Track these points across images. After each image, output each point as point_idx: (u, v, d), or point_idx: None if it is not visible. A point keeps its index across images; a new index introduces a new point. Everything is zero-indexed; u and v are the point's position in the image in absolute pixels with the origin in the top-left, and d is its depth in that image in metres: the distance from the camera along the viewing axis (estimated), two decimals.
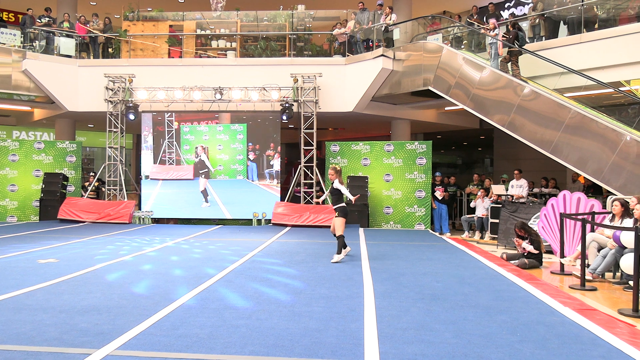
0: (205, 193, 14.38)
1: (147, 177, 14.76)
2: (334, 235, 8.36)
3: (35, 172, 14.84)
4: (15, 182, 14.57)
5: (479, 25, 13.80)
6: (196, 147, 14.52)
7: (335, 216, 8.28)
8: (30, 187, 14.74)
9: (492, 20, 12.29)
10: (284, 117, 13.95)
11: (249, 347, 4.02)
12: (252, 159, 14.55)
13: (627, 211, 7.35)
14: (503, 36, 11.89)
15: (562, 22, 12.17)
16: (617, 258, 6.83)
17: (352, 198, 8.56)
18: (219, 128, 14.77)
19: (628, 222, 7.13)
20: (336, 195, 8.32)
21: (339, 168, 8.53)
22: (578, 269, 7.09)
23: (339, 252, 8.16)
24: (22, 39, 14.72)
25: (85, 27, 15.22)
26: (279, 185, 14.60)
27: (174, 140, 14.68)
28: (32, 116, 17.85)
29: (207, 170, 14.44)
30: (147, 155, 14.83)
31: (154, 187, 14.61)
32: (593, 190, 12.28)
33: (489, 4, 14.26)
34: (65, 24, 15.08)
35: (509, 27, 12.14)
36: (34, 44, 14.82)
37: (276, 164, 14.53)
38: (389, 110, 15.81)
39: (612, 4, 11.61)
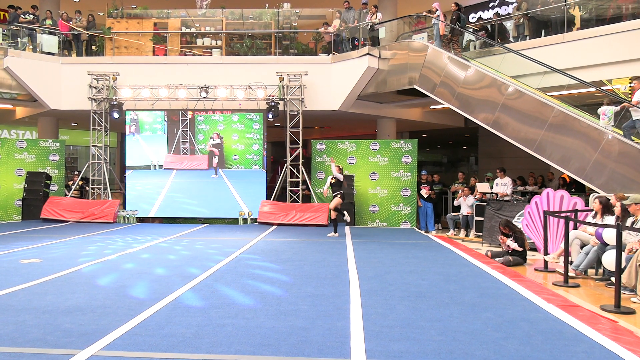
0: (216, 168, 14.50)
1: (160, 166, 14.62)
2: (334, 214, 11.38)
3: (17, 171, 14.64)
4: None
5: (462, 25, 13.88)
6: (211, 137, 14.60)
7: (339, 197, 11.29)
8: (13, 186, 14.53)
9: (435, 5, 13.04)
10: (270, 116, 13.91)
11: (235, 346, 4.01)
12: None
13: (607, 208, 7.44)
14: (444, 16, 12.68)
15: (545, 21, 12.29)
16: (600, 255, 6.92)
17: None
18: (234, 117, 14.63)
19: (610, 219, 7.23)
20: (337, 185, 11.30)
21: (341, 167, 11.73)
22: (561, 266, 7.17)
23: (335, 230, 11.41)
24: (4, 36, 14.49)
25: (68, 24, 15.04)
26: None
27: (188, 129, 14.58)
28: (14, 114, 17.59)
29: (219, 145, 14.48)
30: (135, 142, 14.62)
31: (167, 177, 14.50)
32: (575, 187, 12.44)
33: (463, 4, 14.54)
34: (48, 22, 14.88)
35: (452, 7, 13.09)
36: (15, 41, 14.59)
37: None
38: (375, 108, 15.85)
39: (594, 4, 11.76)
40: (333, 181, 11.38)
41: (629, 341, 4.32)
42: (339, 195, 11.31)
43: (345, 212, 11.53)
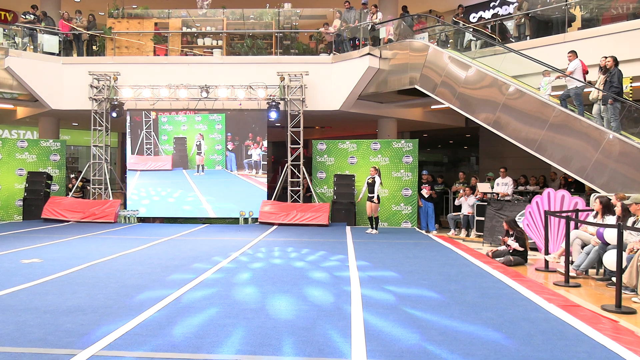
0: (200, 168, 14.59)
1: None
2: (369, 217, 12.07)
3: (18, 171, 14.65)
4: None
5: (464, 24, 13.91)
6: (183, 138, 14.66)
7: (375, 201, 11.76)
8: (14, 186, 14.55)
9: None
10: (274, 115, 13.86)
11: (236, 346, 4.01)
12: (230, 149, 14.48)
13: (608, 208, 7.44)
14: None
15: (546, 21, 12.28)
16: (600, 255, 6.92)
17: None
18: (197, 118, 14.65)
19: (611, 219, 7.23)
20: (372, 186, 11.75)
21: (378, 167, 12.19)
22: (562, 266, 7.17)
23: (375, 228, 12.02)
24: (7, 36, 14.51)
25: (69, 24, 15.04)
26: (264, 175, 14.41)
27: (151, 130, 14.57)
28: (15, 114, 17.60)
29: (200, 150, 14.57)
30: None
31: (131, 178, 14.57)
32: (575, 187, 12.43)
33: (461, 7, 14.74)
34: (42, 23, 14.88)
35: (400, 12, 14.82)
36: (15, 40, 14.60)
37: (255, 153, 14.42)
38: (376, 108, 15.84)
39: (595, 4, 11.75)
40: (370, 181, 11.81)
41: (630, 341, 4.32)
42: (374, 200, 11.74)
43: (374, 226, 12.06)
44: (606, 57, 9.56)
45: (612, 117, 9.37)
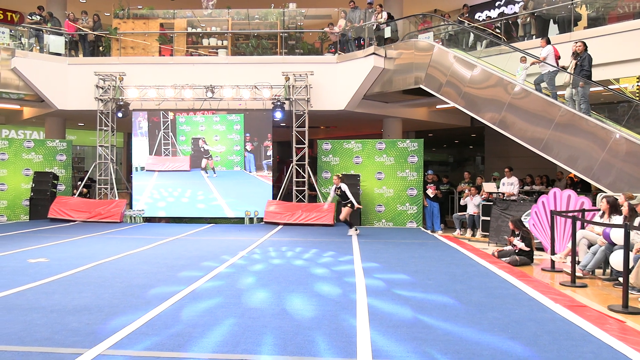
0: (205, 170, 14.56)
1: (142, 168, 14.65)
2: (344, 221, 11.52)
3: (25, 171, 14.72)
4: (4, 181, 14.46)
5: (469, 24, 13.88)
6: (198, 139, 14.61)
7: (348, 207, 11.29)
8: (20, 186, 14.62)
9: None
10: (280, 115, 13.86)
11: (241, 346, 4.02)
12: (249, 149, 14.46)
13: (615, 208, 7.40)
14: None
15: (552, 20, 12.24)
16: (607, 255, 6.89)
17: (357, 205, 11.48)
18: (215, 118, 14.65)
19: (617, 219, 7.19)
20: (343, 196, 11.28)
21: (341, 175, 11.94)
22: (568, 266, 7.14)
23: (350, 227, 11.52)
24: (13, 36, 14.59)
25: (75, 24, 15.11)
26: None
27: (169, 131, 14.60)
28: (22, 115, 17.69)
29: (209, 154, 14.55)
30: (140, 143, 14.72)
31: (149, 179, 14.53)
32: (581, 186, 12.39)
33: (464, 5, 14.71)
34: (48, 24, 14.95)
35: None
36: (21, 41, 14.69)
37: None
38: (381, 108, 15.83)
39: (601, 3, 11.69)
40: (339, 192, 11.35)
41: (636, 341, 4.30)
42: (348, 205, 11.29)
43: (353, 225, 11.58)
44: (576, 43, 10.01)
45: (582, 99, 9.77)
